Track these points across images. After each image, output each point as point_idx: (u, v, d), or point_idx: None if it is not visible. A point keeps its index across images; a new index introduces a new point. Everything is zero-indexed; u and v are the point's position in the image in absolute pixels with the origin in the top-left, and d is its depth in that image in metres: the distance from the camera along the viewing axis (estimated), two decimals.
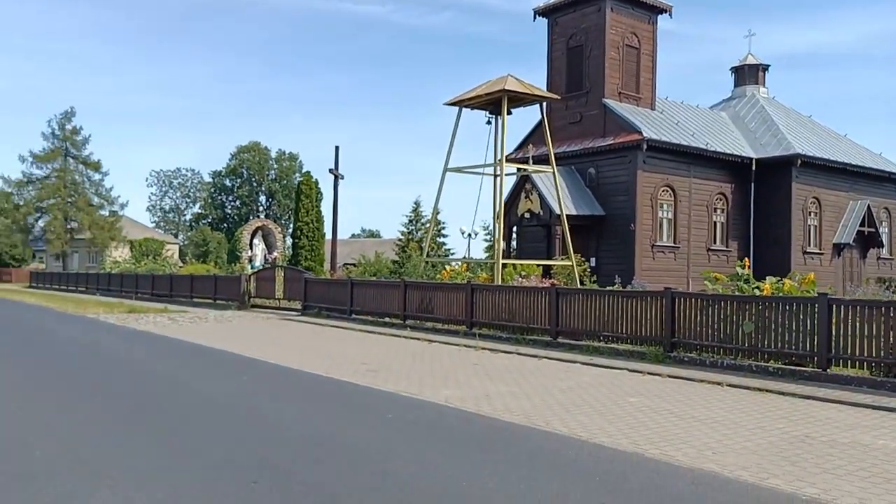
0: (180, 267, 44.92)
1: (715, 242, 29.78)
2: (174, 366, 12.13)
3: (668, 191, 28.33)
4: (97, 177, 65.27)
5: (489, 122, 22.40)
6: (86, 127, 74.27)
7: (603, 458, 6.23)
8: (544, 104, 23.09)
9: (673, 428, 7.46)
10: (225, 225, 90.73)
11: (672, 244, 28.41)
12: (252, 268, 34.39)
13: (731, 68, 36.96)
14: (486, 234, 51.74)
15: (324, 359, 12.59)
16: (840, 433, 7.35)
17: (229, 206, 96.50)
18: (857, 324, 9.65)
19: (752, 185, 30.04)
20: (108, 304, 29.41)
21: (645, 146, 26.72)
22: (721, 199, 30.05)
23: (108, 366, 12.10)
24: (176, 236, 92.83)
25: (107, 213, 65.17)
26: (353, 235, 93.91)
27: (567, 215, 24.31)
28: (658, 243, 27.95)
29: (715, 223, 29.90)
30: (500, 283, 18.84)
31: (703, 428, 7.48)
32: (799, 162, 29.16)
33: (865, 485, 5.55)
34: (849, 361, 9.97)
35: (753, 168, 29.80)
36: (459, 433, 7.24)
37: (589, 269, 25.74)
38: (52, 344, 15.42)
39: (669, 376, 10.85)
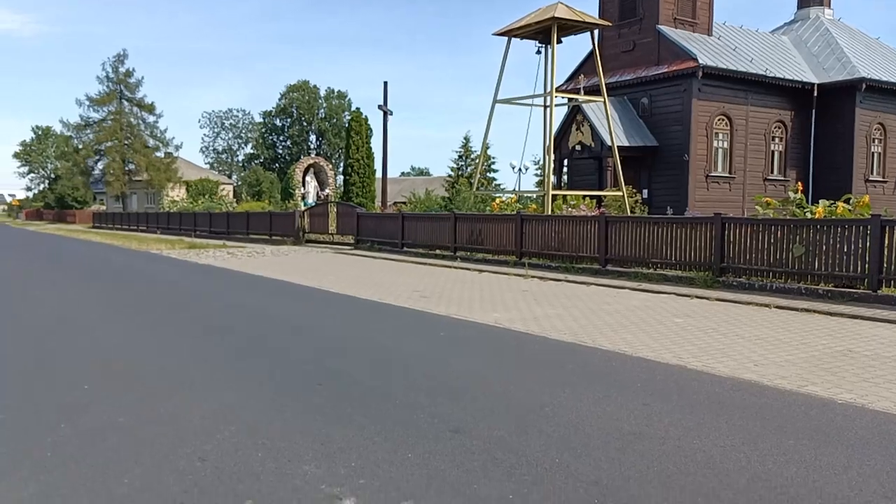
0: (236, 205, 46.02)
1: (772, 172, 29.09)
2: (238, 293, 12.76)
3: (723, 119, 27.66)
4: (151, 119, 66.64)
5: (539, 52, 22.17)
6: (138, 70, 75.64)
7: (645, 369, 6.49)
8: (595, 32, 22.65)
9: (716, 344, 7.66)
10: (276, 165, 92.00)
11: (727, 174, 27.89)
12: (305, 205, 35.09)
13: None
14: (536, 169, 51.35)
15: (377, 287, 13.05)
16: (884, 348, 7.45)
17: (280, 146, 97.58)
18: None
19: (814, 111, 29.04)
20: (168, 241, 30.57)
21: (700, 74, 26.03)
22: (780, 127, 29.21)
23: (177, 294, 12.80)
24: (229, 177, 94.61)
25: (162, 155, 66.69)
26: (403, 174, 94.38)
27: (619, 147, 24.08)
28: (713, 174, 27.48)
29: (773, 152, 29.15)
30: (549, 214, 18.95)
31: (746, 344, 7.66)
32: (864, 86, 28.01)
33: None
34: None
35: (815, 94, 28.76)
36: (507, 348, 7.58)
37: (641, 201, 25.59)
38: (123, 275, 16.28)
39: (717, 300, 10.98)
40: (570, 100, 25.73)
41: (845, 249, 10.37)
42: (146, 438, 4.41)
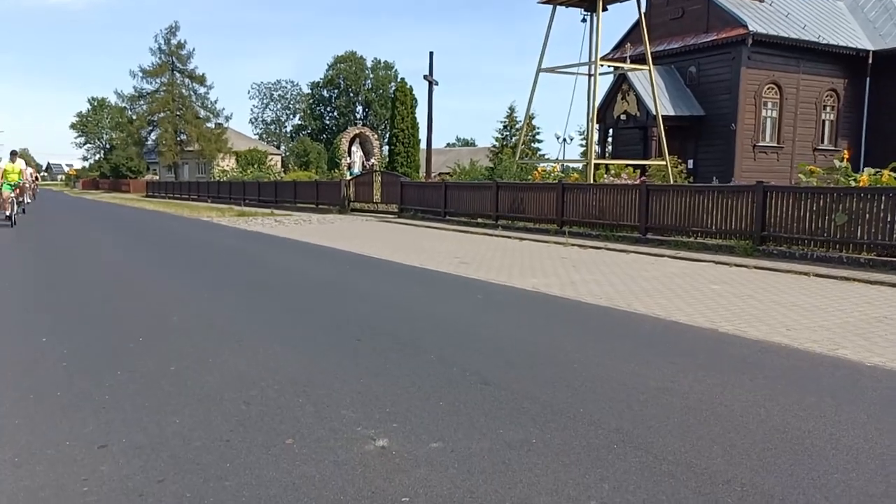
0: (283, 175, 46.74)
1: (823, 142, 28.36)
2: (285, 257, 13.15)
3: (773, 88, 27.01)
4: (202, 90, 67.84)
5: (584, 20, 21.92)
6: (190, 41, 76.84)
7: (677, 331, 6.61)
8: (641, 1, 22.27)
9: (751, 310, 7.70)
10: (324, 136, 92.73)
11: (776, 144, 27.29)
12: (351, 174, 35.48)
13: None
14: (581, 139, 50.86)
15: (419, 253, 13.30)
16: None
17: (328, 117, 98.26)
18: None
19: (868, 79, 28.13)
20: (218, 209, 31.33)
21: (750, 41, 25.42)
22: (831, 96, 28.39)
23: (227, 256, 13.25)
24: (278, 147, 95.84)
25: (213, 126, 67.92)
26: (448, 145, 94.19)
27: (664, 116, 23.76)
28: (760, 143, 26.93)
29: (823, 121, 28.39)
30: (590, 182, 18.91)
31: (781, 310, 7.68)
32: None
33: None
34: None
35: (870, 61, 27.83)
36: (543, 310, 7.75)
37: (686, 171, 25.26)
38: (176, 240, 16.85)
39: (756, 267, 10.94)
40: (615, 69, 25.40)
41: (889, 218, 10.21)
42: (195, 384, 4.73)
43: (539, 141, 57.32)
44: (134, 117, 69.46)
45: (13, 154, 20.70)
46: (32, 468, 3.42)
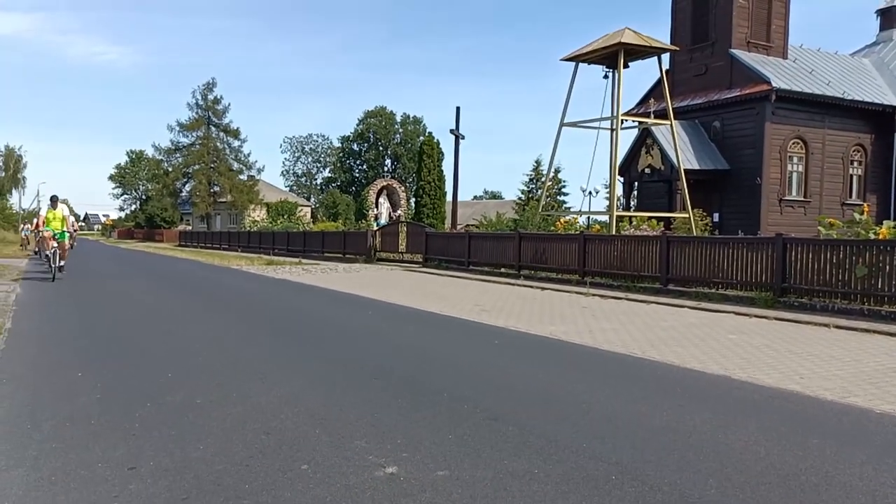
0: (312, 225, 47.57)
1: (850, 196, 28.31)
2: (308, 303, 13.47)
3: (798, 143, 27.17)
4: (236, 143, 69.66)
5: (606, 77, 22.46)
6: (225, 97, 79.35)
7: (689, 377, 6.72)
8: (664, 57, 22.77)
9: (766, 359, 7.76)
10: (353, 188, 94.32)
11: (802, 198, 27.31)
12: (377, 225, 36.06)
13: (877, 10, 34.45)
14: (606, 192, 51.13)
15: (440, 301, 13.53)
16: None
17: (357, 170, 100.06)
18: None
19: (895, 134, 28.19)
20: (248, 258, 31.97)
21: (773, 97, 25.72)
22: (859, 151, 28.45)
23: (254, 302, 13.61)
24: (308, 199, 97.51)
25: (245, 178, 69.51)
26: (475, 197, 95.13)
27: (689, 170, 24.02)
28: (786, 198, 26.97)
29: (851, 176, 28.40)
30: (612, 234, 19.09)
31: (796, 359, 7.74)
32: None
33: None
34: None
35: None
36: (557, 355, 7.91)
37: (711, 224, 25.34)
38: (203, 285, 17.30)
39: (776, 318, 10.98)
40: (640, 123, 25.83)
41: None
42: (219, 416, 4.98)
43: (565, 194, 57.79)
44: (170, 169, 71.40)
45: (54, 200, 17.60)
46: (67, 485, 3.67)
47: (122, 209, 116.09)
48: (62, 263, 17.25)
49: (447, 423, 4.84)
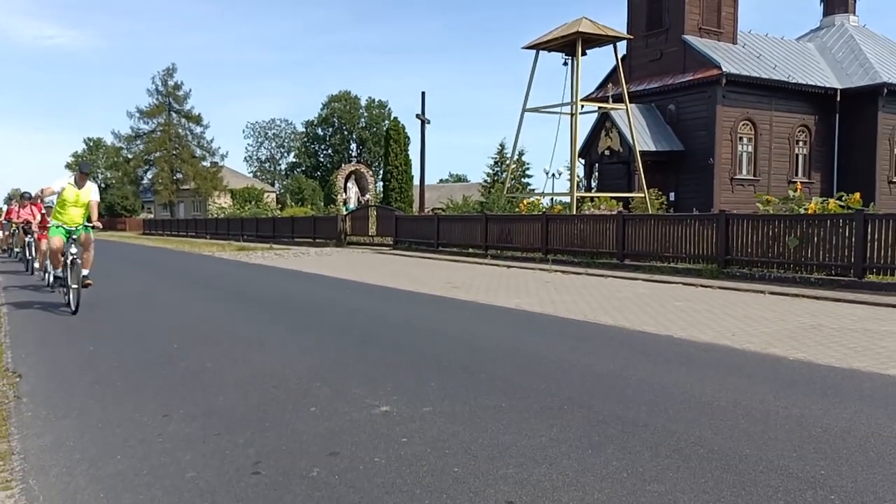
0: (279, 211, 47.95)
1: (797, 175, 29.80)
2: (287, 284, 14.19)
3: (748, 124, 28.51)
4: (198, 129, 69.49)
5: (565, 64, 23.40)
6: (186, 82, 78.68)
7: (636, 337, 7.68)
8: (619, 44, 23.77)
9: (705, 321, 8.78)
10: (318, 173, 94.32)
11: (752, 177, 28.70)
12: (346, 209, 36.69)
13: None
14: (569, 174, 52.38)
15: (412, 280, 14.37)
16: (851, 323, 8.51)
17: (322, 155, 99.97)
18: (891, 235, 10.58)
19: (837, 116, 29.72)
20: (218, 244, 32.41)
21: (724, 81, 26.97)
22: (804, 132, 29.92)
23: (234, 283, 14.29)
24: (272, 185, 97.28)
25: (208, 164, 69.36)
26: (441, 181, 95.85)
27: (646, 151, 25.17)
28: (737, 176, 28.33)
29: (797, 155, 29.89)
30: (572, 214, 20.11)
31: (731, 321, 8.77)
32: (885, 91, 28.61)
33: (848, 352, 6.79)
34: (883, 270, 10.94)
35: (838, 99, 29.44)
36: (522, 322, 8.83)
37: (667, 203, 26.56)
38: (184, 271, 17.89)
39: (719, 287, 12.07)
40: (599, 107, 26.87)
41: (834, 242, 11.40)
42: (230, 375, 5.78)
43: (529, 176, 58.95)
44: (130, 157, 70.84)
45: (82, 173, 10.45)
46: (113, 430, 4.44)
47: None
48: (86, 273, 10.40)
49: (428, 373, 5.72)
